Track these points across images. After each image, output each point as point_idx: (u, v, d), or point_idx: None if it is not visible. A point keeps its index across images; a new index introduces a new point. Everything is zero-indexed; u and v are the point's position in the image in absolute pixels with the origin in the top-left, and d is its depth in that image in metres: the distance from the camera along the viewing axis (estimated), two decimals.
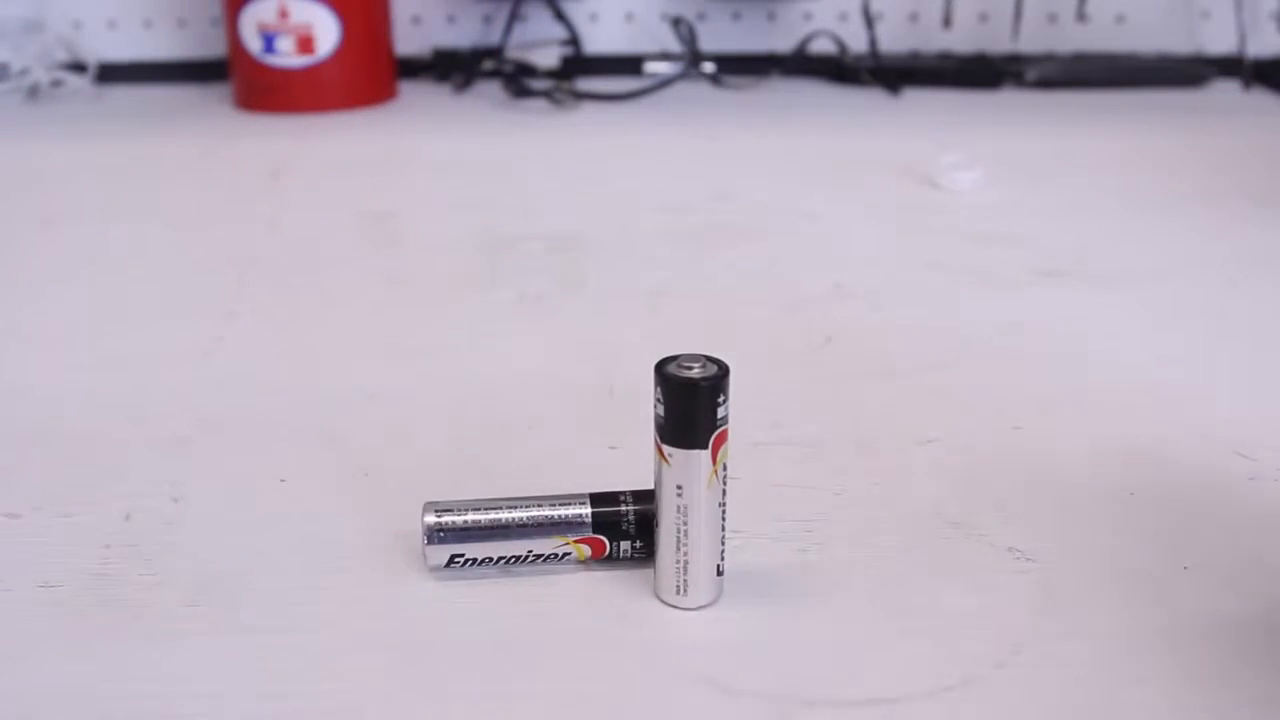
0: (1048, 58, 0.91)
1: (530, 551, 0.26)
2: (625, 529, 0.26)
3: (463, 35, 0.95)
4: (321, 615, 0.25)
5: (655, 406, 0.24)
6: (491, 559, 0.26)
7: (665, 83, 0.86)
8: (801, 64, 0.93)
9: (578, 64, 0.93)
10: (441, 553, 0.26)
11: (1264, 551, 0.27)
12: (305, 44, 0.82)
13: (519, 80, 0.86)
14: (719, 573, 0.25)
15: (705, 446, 0.23)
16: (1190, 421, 0.34)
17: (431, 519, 0.26)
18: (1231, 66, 0.90)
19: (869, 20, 0.92)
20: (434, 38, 0.95)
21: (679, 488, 0.24)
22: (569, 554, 0.26)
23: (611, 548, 0.26)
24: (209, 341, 0.41)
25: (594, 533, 0.26)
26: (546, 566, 0.26)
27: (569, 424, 0.34)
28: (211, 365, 0.39)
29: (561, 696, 0.22)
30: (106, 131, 0.78)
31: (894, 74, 0.88)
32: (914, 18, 0.96)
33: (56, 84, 0.90)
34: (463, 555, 0.26)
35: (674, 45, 0.92)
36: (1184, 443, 0.32)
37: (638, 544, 0.26)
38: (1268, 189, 0.61)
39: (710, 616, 0.25)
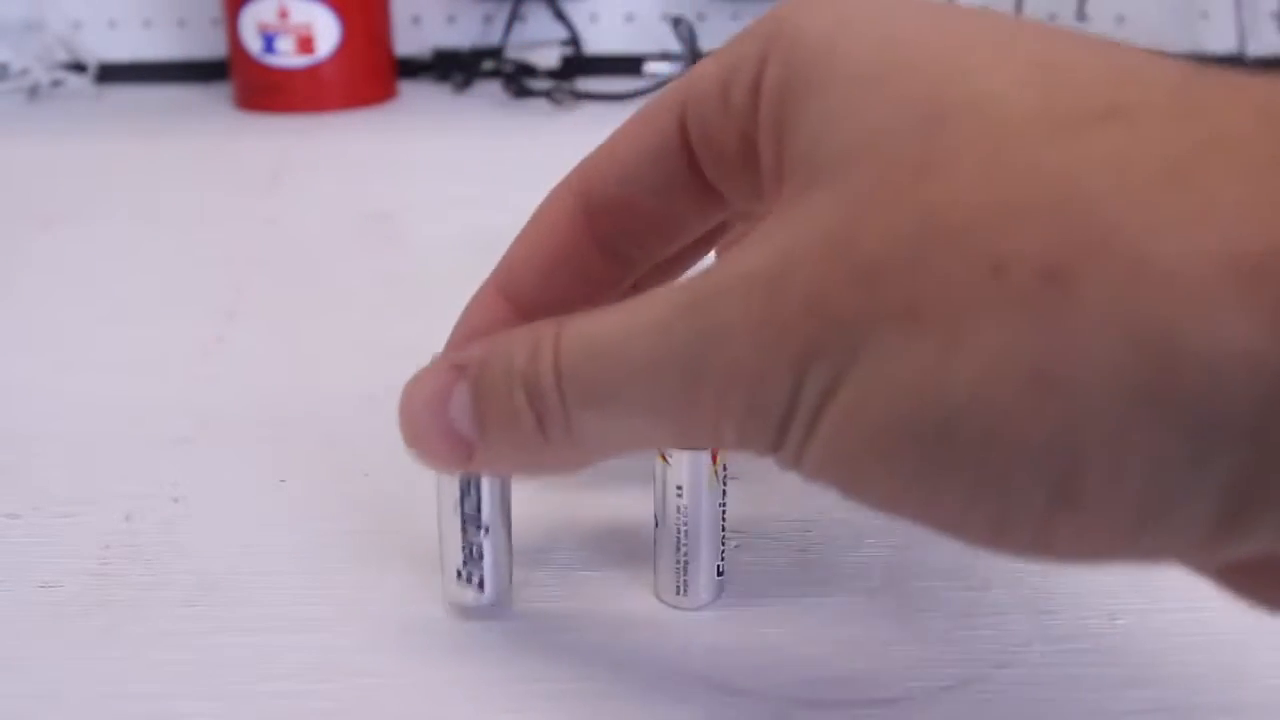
0: None
1: None
2: None
3: (463, 35, 0.95)
4: (321, 615, 0.25)
5: None
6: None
7: (665, 83, 0.86)
8: None
9: (578, 64, 0.93)
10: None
11: None
12: (305, 44, 0.82)
13: (519, 80, 0.86)
14: (719, 573, 0.25)
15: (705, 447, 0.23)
16: None
17: None
18: (1232, 66, 0.90)
19: None
20: (434, 38, 0.95)
21: (679, 488, 0.24)
22: None
23: None
24: (209, 341, 0.41)
25: None
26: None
27: None
28: (211, 365, 0.39)
29: (561, 696, 0.22)
30: (106, 131, 0.78)
31: None
32: None
33: (56, 84, 0.90)
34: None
35: (674, 45, 0.92)
36: None
37: None
38: None
39: (710, 617, 0.25)
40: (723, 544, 0.25)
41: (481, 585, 0.24)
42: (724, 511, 0.24)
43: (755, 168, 0.19)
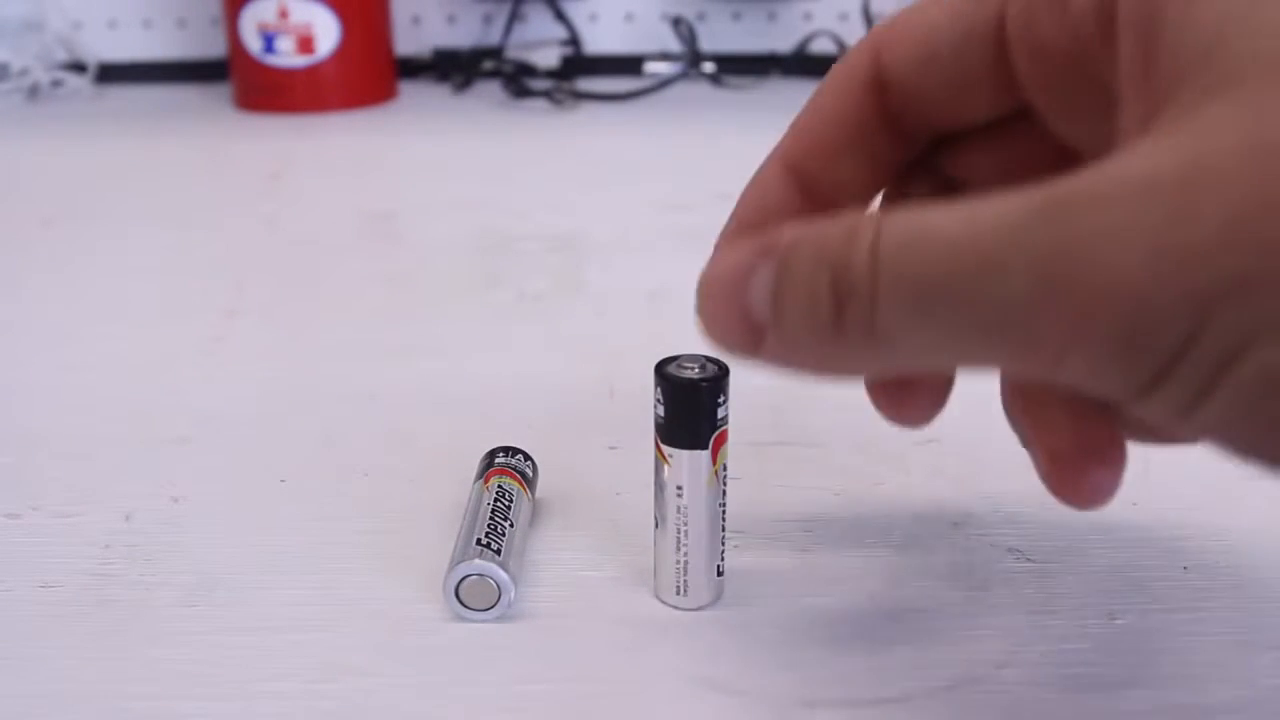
0: None
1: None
2: None
3: (463, 35, 0.95)
4: (321, 615, 0.25)
5: (655, 407, 0.24)
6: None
7: (665, 83, 0.86)
8: (801, 64, 0.93)
9: (578, 64, 0.93)
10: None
11: (1264, 552, 0.27)
12: (305, 44, 0.82)
13: (519, 80, 0.86)
14: (719, 573, 0.25)
15: (705, 447, 0.23)
16: None
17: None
18: None
19: (869, 20, 0.92)
20: (434, 38, 0.95)
21: (679, 488, 0.24)
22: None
23: None
24: (209, 341, 0.41)
25: None
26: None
27: (569, 424, 0.34)
28: (211, 365, 0.39)
29: (562, 697, 0.22)
30: (106, 131, 0.78)
31: None
32: None
33: (56, 84, 0.90)
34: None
35: (674, 45, 0.92)
36: None
37: None
38: None
39: (710, 617, 0.25)
40: (723, 544, 0.25)
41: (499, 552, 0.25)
42: (724, 511, 0.24)
43: (1083, 73, 0.18)
